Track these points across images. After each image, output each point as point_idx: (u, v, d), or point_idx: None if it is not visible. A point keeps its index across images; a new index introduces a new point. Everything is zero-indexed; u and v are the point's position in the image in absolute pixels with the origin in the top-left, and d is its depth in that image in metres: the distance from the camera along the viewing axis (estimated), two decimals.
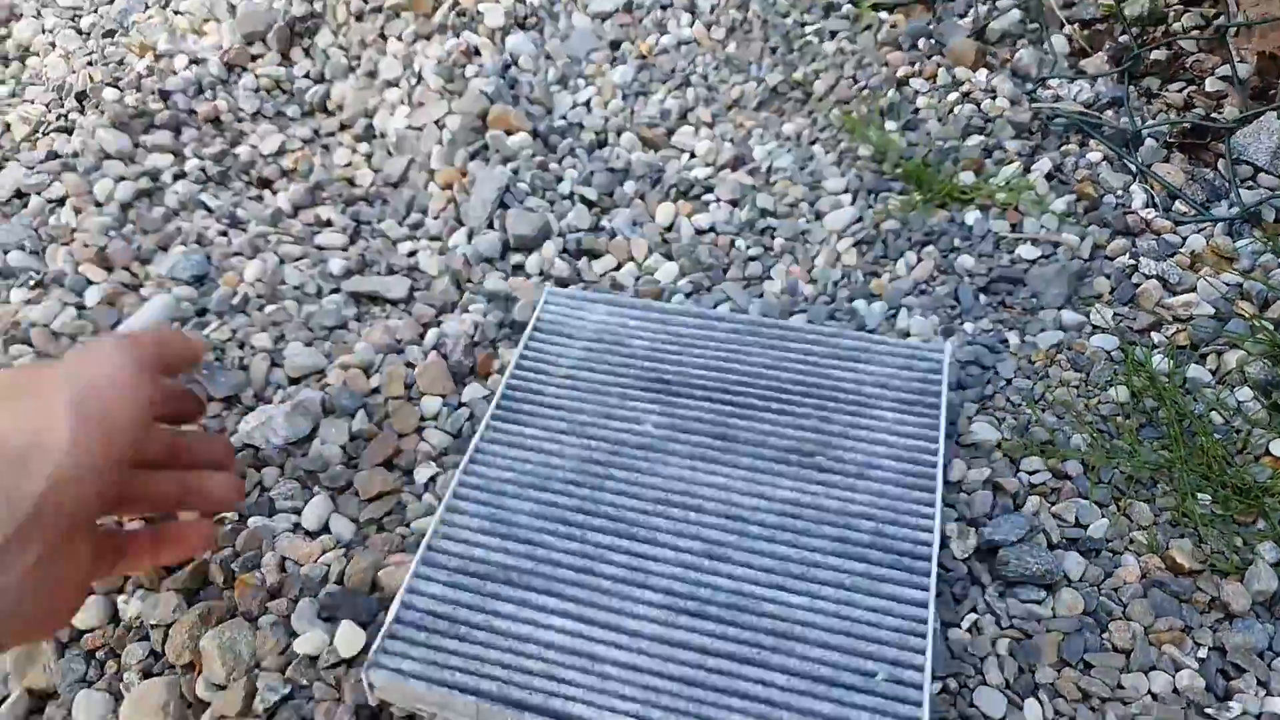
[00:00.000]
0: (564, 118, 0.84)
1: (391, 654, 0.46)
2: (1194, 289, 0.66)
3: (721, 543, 0.50)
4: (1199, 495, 0.56)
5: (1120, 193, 0.73)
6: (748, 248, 0.72)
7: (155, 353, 0.40)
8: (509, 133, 0.80)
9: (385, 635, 0.47)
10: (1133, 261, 0.68)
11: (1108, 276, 0.67)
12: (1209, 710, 0.49)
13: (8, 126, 0.88)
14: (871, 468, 0.54)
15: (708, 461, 0.54)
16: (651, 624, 0.47)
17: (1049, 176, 0.74)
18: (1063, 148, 0.76)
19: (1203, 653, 0.51)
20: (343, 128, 0.87)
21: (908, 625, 0.47)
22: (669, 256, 0.72)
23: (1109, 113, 0.78)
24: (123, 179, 0.81)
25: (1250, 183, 0.73)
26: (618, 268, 0.73)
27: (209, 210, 0.80)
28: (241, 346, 0.68)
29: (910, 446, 0.55)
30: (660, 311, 0.63)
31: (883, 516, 0.51)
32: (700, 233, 0.74)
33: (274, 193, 0.82)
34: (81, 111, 0.89)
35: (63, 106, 0.91)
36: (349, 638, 0.51)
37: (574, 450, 0.55)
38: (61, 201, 0.80)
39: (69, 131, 0.87)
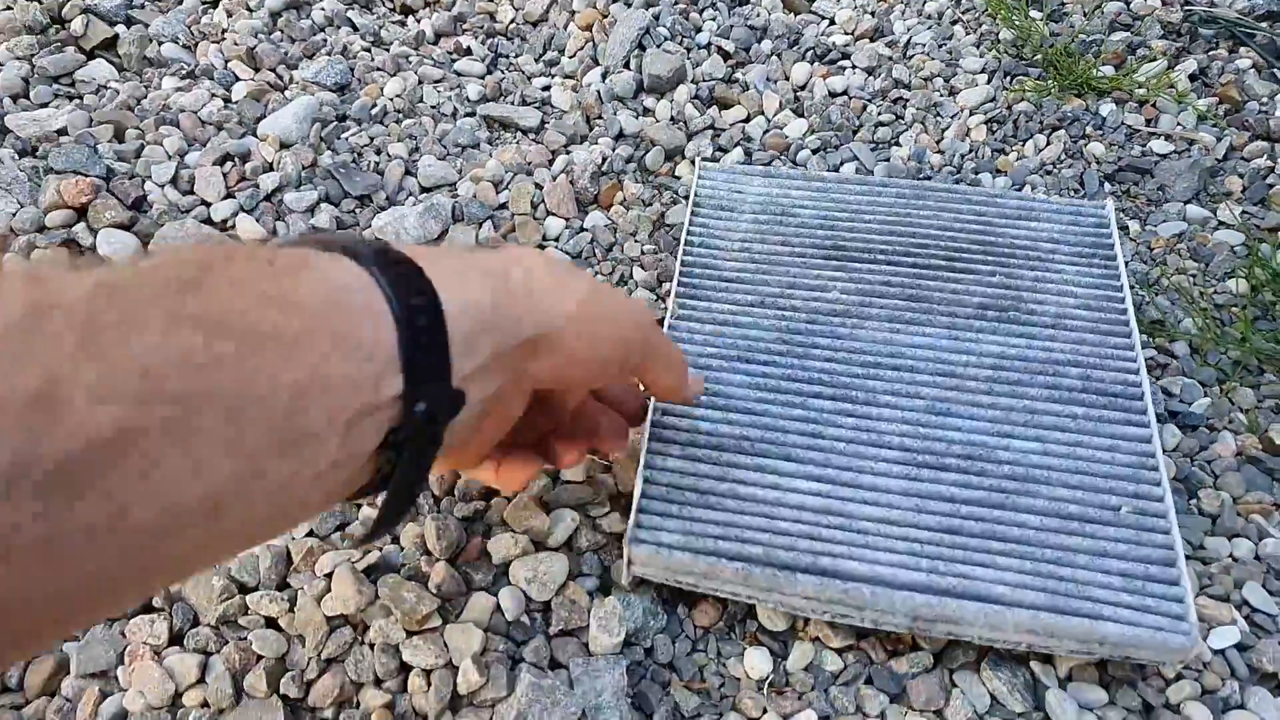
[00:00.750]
0: None
1: (648, 529, 0.46)
2: None
3: (942, 399, 0.51)
4: None
5: (1265, 100, 0.72)
6: (879, 113, 0.73)
7: (645, 350, 0.40)
8: None
9: (637, 511, 0.47)
10: (1269, 164, 0.67)
11: (1241, 176, 0.67)
12: None
13: None
14: (1065, 318, 0.55)
15: (907, 323, 0.55)
16: (894, 479, 0.48)
17: (1192, 78, 0.74)
18: (1210, 52, 0.76)
19: None
20: None
21: (1138, 460, 0.49)
22: (799, 114, 0.74)
23: (1264, 24, 0.76)
24: None
25: None
26: (747, 119, 0.74)
27: (354, 28, 0.83)
28: (378, 153, 0.72)
29: (1097, 296, 0.56)
30: (820, 181, 0.63)
31: (1088, 363, 0.53)
32: (833, 95, 0.75)
33: (417, 20, 0.85)
34: None
35: None
36: None
37: (770, 322, 0.55)
38: (215, 3, 0.84)
39: None
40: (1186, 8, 0.77)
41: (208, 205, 0.67)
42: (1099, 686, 0.47)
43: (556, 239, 0.67)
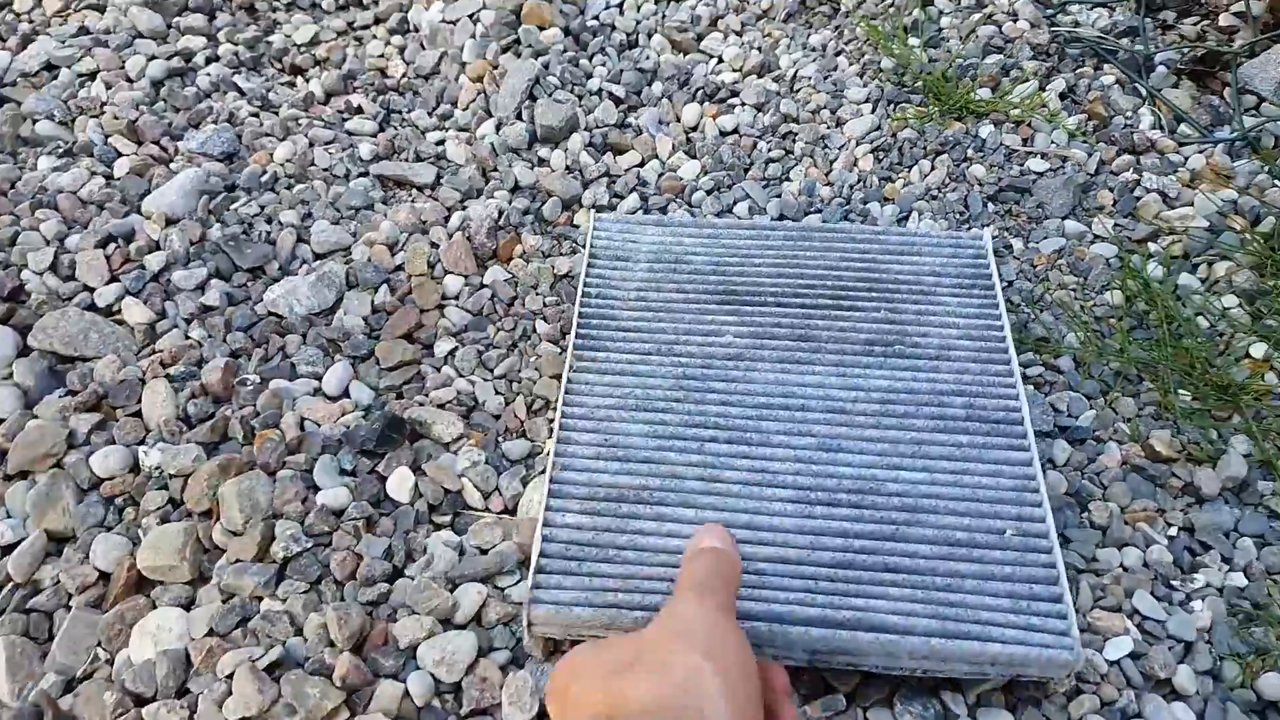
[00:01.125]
0: (596, 18, 0.85)
1: (547, 588, 0.47)
2: (1191, 204, 0.69)
3: (832, 435, 0.52)
4: (1181, 391, 0.60)
5: (1129, 114, 0.75)
6: (769, 150, 0.74)
7: (728, 590, 0.39)
8: (542, 27, 0.82)
9: (536, 571, 0.47)
10: (1136, 177, 0.71)
11: (1111, 190, 0.70)
12: (1174, 582, 0.53)
13: (39, 1, 0.89)
14: (949, 349, 0.57)
15: (797, 363, 0.56)
16: (789, 518, 0.49)
17: (1062, 96, 0.77)
18: (1077, 70, 0.79)
19: (1173, 531, 0.55)
20: (377, 21, 0.89)
21: (1020, 484, 0.51)
22: (692, 155, 0.75)
23: (1125, 40, 0.80)
24: (155, 58, 0.82)
25: (1253, 111, 0.76)
26: (642, 164, 0.75)
27: (241, 92, 0.81)
28: (269, 222, 0.70)
29: (978, 325, 0.58)
30: (712, 227, 0.64)
31: (971, 391, 0.55)
32: (724, 134, 0.76)
33: (306, 80, 0.83)
34: None
35: None
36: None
37: (667, 369, 0.56)
38: (92, 76, 0.82)
39: (100, 10, 0.88)
40: (1053, 29, 0.80)
41: (91, 290, 0.65)
42: (1005, 710, 0.48)
43: (456, 297, 0.66)
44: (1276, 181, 0.69)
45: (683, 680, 0.33)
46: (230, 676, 0.46)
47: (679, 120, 0.77)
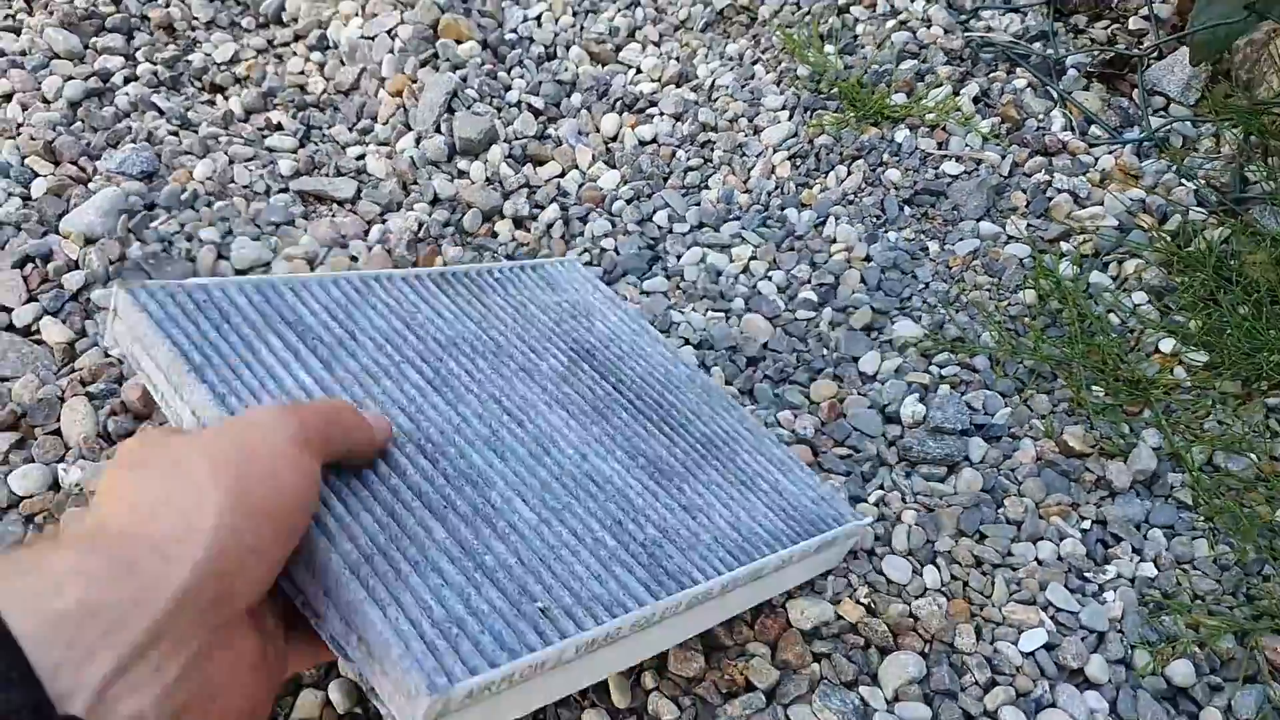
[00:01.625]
0: (514, 31, 0.86)
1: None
2: (1101, 203, 0.70)
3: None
4: (1093, 387, 0.61)
5: (1041, 117, 0.77)
6: (688, 158, 0.75)
7: (323, 430, 0.33)
8: (459, 41, 0.82)
9: None
10: (1048, 178, 0.72)
11: (1024, 191, 0.71)
12: (1087, 574, 0.53)
13: None
14: None
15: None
16: None
17: (976, 100, 0.78)
18: (990, 74, 0.80)
19: (1086, 524, 0.55)
20: (297, 38, 0.88)
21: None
22: (611, 165, 0.75)
23: (1037, 45, 0.82)
24: (71, 78, 0.81)
25: (1162, 112, 0.78)
26: (562, 174, 0.75)
27: (160, 112, 0.80)
28: (189, 239, 0.69)
29: None
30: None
31: None
32: (643, 143, 0.77)
33: (226, 98, 0.83)
34: (30, 12, 0.89)
35: (10, 6, 0.90)
36: None
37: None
38: (8, 97, 0.80)
39: (16, 31, 0.86)
40: (966, 34, 0.82)
41: (8, 311, 0.63)
42: (923, 704, 0.48)
43: None
44: (1183, 180, 0.71)
45: (174, 482, 0.28)
46: None
47: (598, 131, 0.78)
